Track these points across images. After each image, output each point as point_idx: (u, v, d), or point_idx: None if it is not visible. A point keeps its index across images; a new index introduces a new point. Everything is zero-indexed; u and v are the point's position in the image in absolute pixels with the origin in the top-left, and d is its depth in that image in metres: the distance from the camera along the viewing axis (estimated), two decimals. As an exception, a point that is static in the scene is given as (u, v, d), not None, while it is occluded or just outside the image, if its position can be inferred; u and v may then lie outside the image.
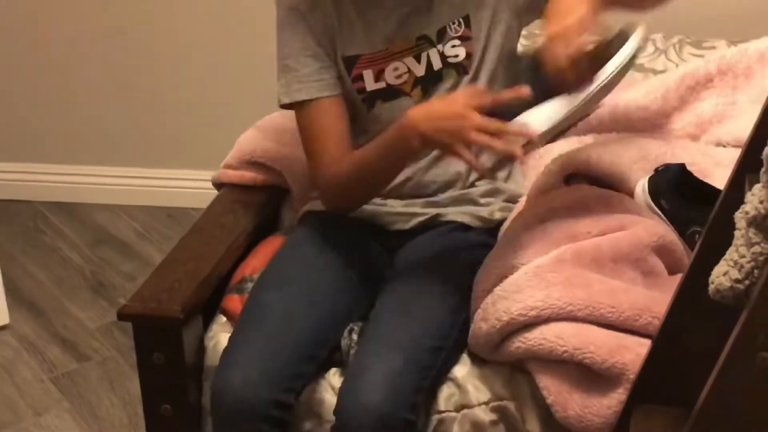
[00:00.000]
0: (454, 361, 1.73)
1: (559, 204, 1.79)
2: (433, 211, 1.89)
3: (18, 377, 2.60)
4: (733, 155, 1.94)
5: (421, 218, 1.89)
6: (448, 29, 1.84)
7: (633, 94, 2.15)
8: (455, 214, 1.88)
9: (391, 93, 1.87)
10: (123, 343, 2.68)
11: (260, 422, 1.64)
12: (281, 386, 1.65)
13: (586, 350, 1.59)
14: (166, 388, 1.81)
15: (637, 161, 1.93)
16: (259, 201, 2.10)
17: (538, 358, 1.64)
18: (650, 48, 2.51)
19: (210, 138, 2.95)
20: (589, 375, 1.61)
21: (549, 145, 2.03)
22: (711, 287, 1.15)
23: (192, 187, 3.23)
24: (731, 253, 1.13)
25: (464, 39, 1.84)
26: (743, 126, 2.00)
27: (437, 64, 1.84)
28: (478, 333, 1.68)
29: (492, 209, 1.90)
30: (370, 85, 1.86)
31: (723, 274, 1.13)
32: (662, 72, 2.36)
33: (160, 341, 1.78)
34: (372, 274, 1.85)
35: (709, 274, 1.16)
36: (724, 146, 2.08)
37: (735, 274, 1.12)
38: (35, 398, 2.53)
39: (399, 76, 1.86)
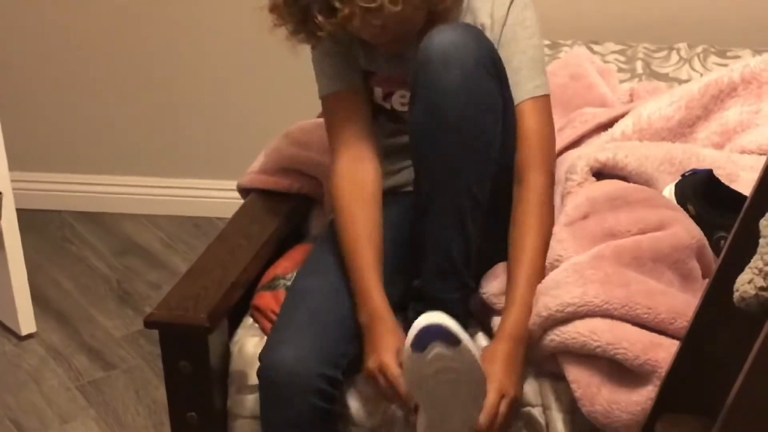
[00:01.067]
0: None
1: (600, 195, 1.78)
2: None
3: (45, 385, 2.62)
4: (759, 161, 1.94)
5: None
6: None
7: (656, 104, 2.15)
8: None
9: (393, 116, 1.92)
10: (149, 351, 2.70)
11: (312, 396, 1.68)
12: (330, 361, 1.70)
13: (620, 346, 1.59)
14: (192, 396, 1.81)
15: (662, 164, 1.93)
16: (285, 210, 2.11)
17: (571, 351, 1.64)
18: (674, 57, 2.51)
19: (236, 148, 2.97)
20: (620, 371, 1.61)
21: (570, 152, 2.03)
22: (736, 295, 1.15)
23: (218, 197, 3.24)
24: (756, 261, 1.13)
25: None
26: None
27: None
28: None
29: None
30: (378, 99, 1.92)
31: (748, 282, 1.13)
32: (686, 81, 2.36)
33: (187, 349, 1.79)
34: (404, 246, 1.84)
35: (734, 282, 1.16)
36: (748, 154, 2.07)
37: (760, 281, 1.11)
38: (62, 406, 2.54)
39: (404, 104, 1.89)
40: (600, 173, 1.90)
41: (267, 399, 1.72)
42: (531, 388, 1.72)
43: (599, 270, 1.65)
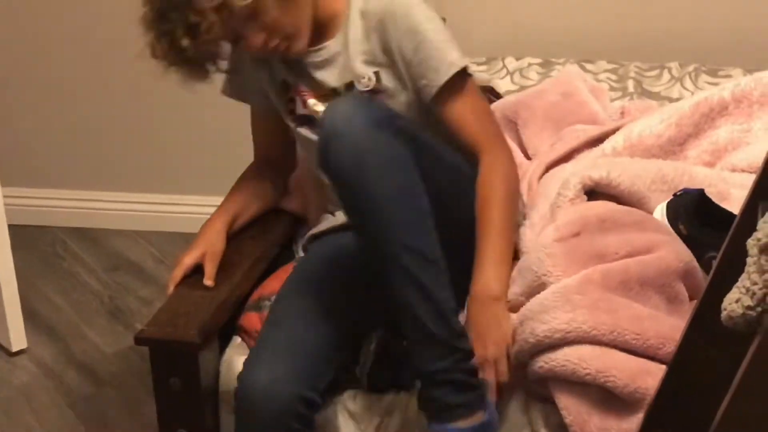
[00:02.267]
0: None
1: (592, 215, 1.78)
2: None
3: (35, 402, 2.61)
4: (750, 179, 1.95)
5: None
6: (357, 85, 1.90)
7: (647, 121, 2.16)
8: None
9: (314, 120, 1.94)
10: (139, 367, 2.69)
11: (287, 418, 1.68)
12: (306, 383, 1.70)
13: (609, 374, 1.59)
14: (182, 413, 1.82)
15: (654, 182, 1.93)
16: (276, 227, 2.11)
17: (560, 378, 1.64)
18: (666, 76, 2.52)
19: (228, 164, 2.96)
20: (609, 398, 1.61)
21: (562, 165, 2.04)
22: (723, 314, 1.15)
23: (209, 213, 3.23)
24: (743, 280, 1.13)
25: (375, 93, 1.90)
26: (757, 153, 2.02)
27: None
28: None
29: None
30: (300, 110, 1.96)
31: (735, 301, 1.13)
32: (678, 100, 2.37)
33: (177, 366, 1.79)
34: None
35: (722, 301, 1.17)
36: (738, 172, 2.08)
37: (747, 301, 1.12)
38: (52, 423, 2.54)
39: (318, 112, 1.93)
40: (592, 191, 1.91)
41: (242, 421, 1.72)
42: (519, 410, 1.72)
43: (587, 295, 1.64)
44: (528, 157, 2.25)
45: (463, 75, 1.86)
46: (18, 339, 2.78)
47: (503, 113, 2.29)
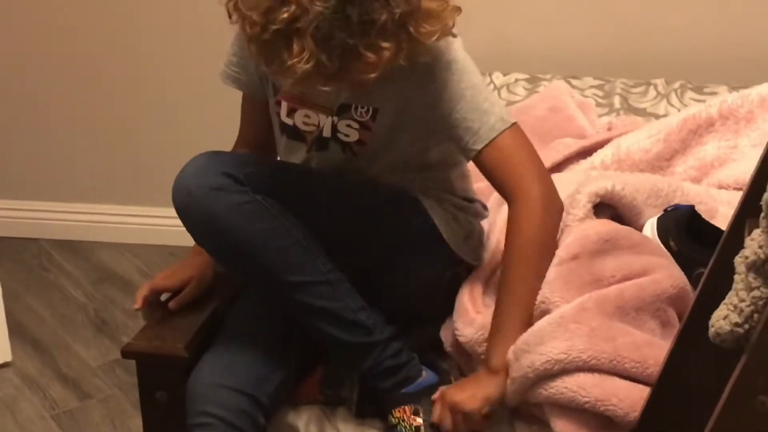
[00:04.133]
0: None
1: (593, 234, 1.75)
2: None
3: (20, 415, 2.60)
4: (737, 196, 1.95)
5: None
6: (353, 110, 1.78)
7: (636, 136, 2.17)
8: None
9: (294, 133, 1.86)
10: (125, 381, 2.69)
11: (228, 411, 1.71)
12: (249, 381, 1.74)
13: (609, 402, 1.57)
14: (168, 427, 1.81)
15: (650, 196, 1.93)
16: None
17: (558, 405, 1.62)
18: (652, 93, 2.54)
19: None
20: (607, 424, 1.59)
21: (555, 175, 2.03)
22: (711, 330, 1.16)
23: (196, 226, 3.23)
24: (731, 297, 1.14)
25: (364, 127, 1.79)
26: (744, 169, 2.03)
27: (327, 132, 1.81)
28: (507, 388, 1.67)
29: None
30: (283, 116, 1.86)
31: (723, 318, 1.14)
32: (664, 116, 2.38)
33: (164, 379, 1.79)
34: None
35: (709, 317, 1.17)
36: (725, 189, 2.09)
37: (735, 318, 1.12)
38: (37, 436, 2.53)
39: (307, 124, 1.84)
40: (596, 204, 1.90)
41: (189, 419, 1.74)
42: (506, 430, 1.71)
43: (584, 324, 1.62)
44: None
45: (511, 130, 1.74)
46: (2, 351, 2.77)
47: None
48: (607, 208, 1.90)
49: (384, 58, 1.57)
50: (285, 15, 1.53)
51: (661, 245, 1.83)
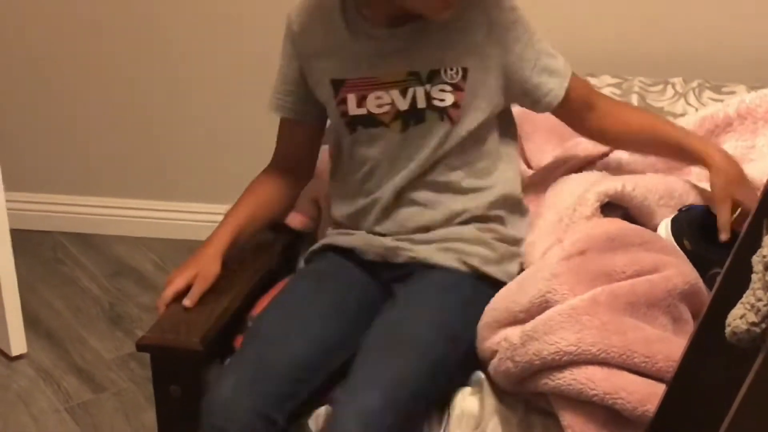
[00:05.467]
0: (448, 394, 1.73)
1: (600, 233, 1.76)
2: (421, 249, 1.88)
3: (34, 407, 2.61)
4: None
5: (410, 253, 1.89)
6: (443, 73, 1.83)
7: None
8: (440, 255, 1.88)
9: (370, 121, 1.88)
10: (139, 374, 2.69)
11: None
12: (269, 401, 1.66)
13: (617, 396, 1.56)
14: (181, 421, 1.81)
15: (663, 197, 1.92)
16: (281, 241, 2.10)
17: (565, 396, 1.61)
18: (670, 91, 2.53)
19: (230, 172, 2.97)
20: (615, 418, 1.58)
21: (570, 176, 2.03)
22: (727, 330, 1.15)
23: (211, 220, 3.21)
24: (748, 297, 1.13)
25: (457, 88, 1.84)
26: (762, 169, 2.02)
27: (421, 103, 1.84)
28: (506, 372, 1.66)
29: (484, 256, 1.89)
30: (353, 109, 1.87)
31: (740, 317, 1.13)
32: (681, 116, 2.37)
33: (178, 373, 1.79)
34: (368, 307, 1.85)
35: (725, 317, 1.17)
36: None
37: (752, 317, 1.12)
38: (50, 428, 2.54)
39: (380, 106, 1.86)
40: (604, 204, 1.90)
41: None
42: (519, 424, 1.70)
43: (595, 317, 1.61)
44: (530, 167, 2.25)
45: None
46: (18, 344, 2.78)
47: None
48: (617, 208, 1.90)
49: None
50: None
51: (674, 244, 1.83)
